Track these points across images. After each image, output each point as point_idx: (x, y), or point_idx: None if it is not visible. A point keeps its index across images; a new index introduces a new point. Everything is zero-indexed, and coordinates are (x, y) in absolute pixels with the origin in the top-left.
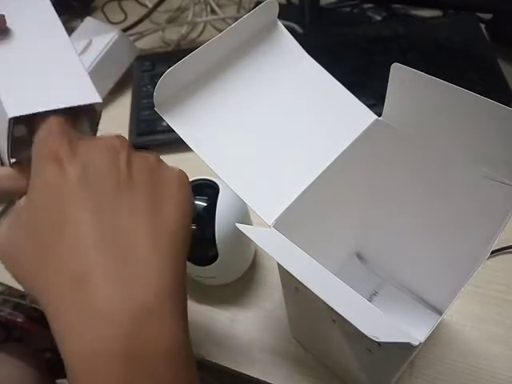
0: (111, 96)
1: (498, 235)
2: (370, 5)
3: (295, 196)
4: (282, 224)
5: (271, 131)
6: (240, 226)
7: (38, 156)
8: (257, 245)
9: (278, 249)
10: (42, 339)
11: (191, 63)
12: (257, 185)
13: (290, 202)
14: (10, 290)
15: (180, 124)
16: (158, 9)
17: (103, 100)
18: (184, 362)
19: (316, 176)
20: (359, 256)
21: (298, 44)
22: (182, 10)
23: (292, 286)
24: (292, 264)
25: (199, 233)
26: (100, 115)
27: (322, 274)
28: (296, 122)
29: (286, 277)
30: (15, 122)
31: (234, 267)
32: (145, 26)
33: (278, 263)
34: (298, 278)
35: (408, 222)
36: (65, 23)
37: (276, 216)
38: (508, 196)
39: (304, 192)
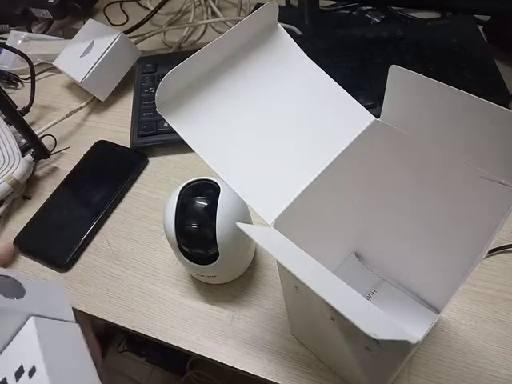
0: (113, 97)
1: (495, 235)
2: (369, 7)
3: (295, 196)
4: (282, 223)
5: (271, 132)
6: (240, 225)
7: None
8: (257, 244)
9: (277, 247)
10: None
11: (192, 65)
12: (257, 185)
13: (289, 202)
14: None
15: (181, 125)
16: (160, 11)
17: (105, 101)
18: None
19: (315, 176)
20: (358, 255)
21: (298, 46)
22: (183, 12)
23: (292, 284)
24: (292, 262)
25: (200, 232)
26: None
27: (321, 273)
28: (295, 122)
29: (286, 275)
30: None
31: (235, 266)
32: (146, 28)
33: (277, 262)
34: (298, 277)
35: (406, 222)
36: (67, 25)
37: (276, 216)
38: (505, 196)
39: (303, 192)
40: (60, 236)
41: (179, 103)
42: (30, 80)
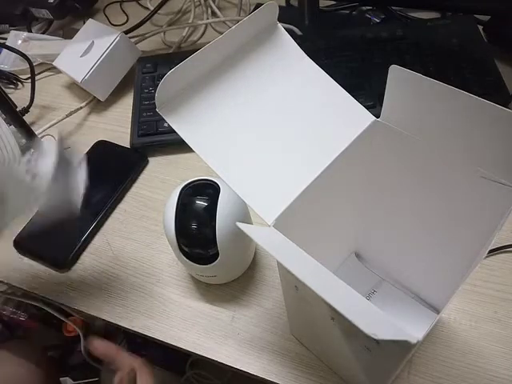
0: (113, 97)
1: (495, 235)
2: (369, 7)
3: (294, 196)
4: (282, 223)
5: (271, 132)
6: (240, 225)
7: None
8: (257, 244)
9: (277, 247)
10: (44, 337)
11: (192, 65)
12: (257, 185)
13: (289, 202)
14: (12, 288)
15: (181, 125)
16: (160, 11)
17: (105, 101)
18: None
19: (315, 176)
20: (358, 255)
21: (298, 46)
22: (183, 12)
23: (292, 284)
24: (292, 262)
25: (200, 232)
26: None
27: (321, 273)
28: (295, 122)
29: (286, 275)
30: None
31: (235, 266)
32: (146, 28)
33: (277, 262)
34: (298, 276)
35: (406, 222)
36: (67, 25)
37: (276, 216)
38: (505, 196)
39: (303, 192)
40: (60, 236)
41: (179, 103)
42: (30, 80)
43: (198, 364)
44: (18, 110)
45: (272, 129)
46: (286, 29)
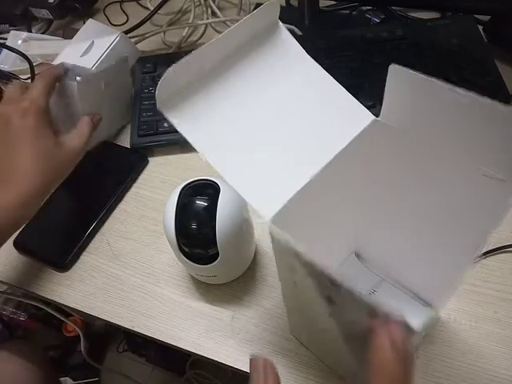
0: None
1: (494, 234)
2: (369, 7)
3: (294, 195)
4: (281, 221)
5: (271, 130)
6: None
7: None
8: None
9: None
10: (44, 337)
11: (193, 62)
12: (257, 183)
13: (289, 201)
14: (12, 289)
15: (181, 121)
16: (160, 11)
17: None
18: None
19: (314, 175)
20: (358, 255)
21: (299, 44)
22: (183, 12)
23: (290, 280)
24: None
25: (200, 232)
26: None
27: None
28: (296, 121)
29: (285, 271)
30: None
31: (235, 266)
32: (146, 28)
33: (276, 260)
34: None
35: (406, 222)
36: (67, 25)
37: (274, 213)
38: (505, 194)
39: (302, 190)
40: (60, 236)
41: (180, 100)
42: (29, 80)
43: (198, 364)
44: None
45: (272, 127)
46: (286, 29)
